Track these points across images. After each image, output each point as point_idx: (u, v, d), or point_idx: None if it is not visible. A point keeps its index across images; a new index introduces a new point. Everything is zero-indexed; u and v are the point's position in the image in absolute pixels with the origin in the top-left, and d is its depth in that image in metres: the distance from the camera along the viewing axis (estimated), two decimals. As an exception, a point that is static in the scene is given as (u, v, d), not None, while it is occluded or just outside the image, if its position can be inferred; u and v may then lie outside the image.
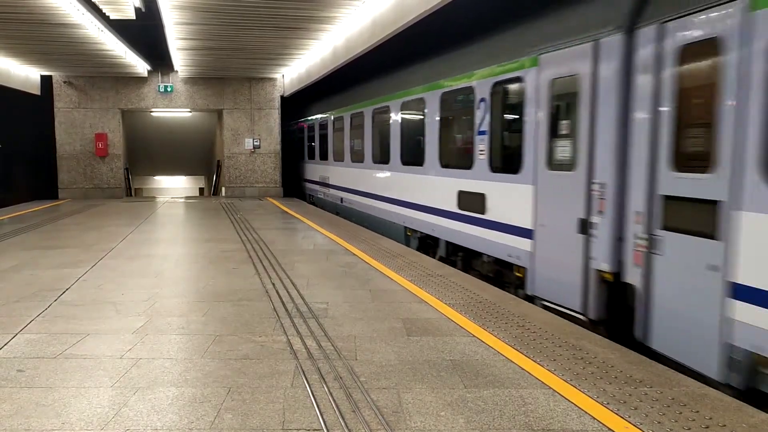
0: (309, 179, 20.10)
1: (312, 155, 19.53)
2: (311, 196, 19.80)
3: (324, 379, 4.15)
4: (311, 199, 19.84)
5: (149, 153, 25.27)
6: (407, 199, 11.01)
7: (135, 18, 10.85)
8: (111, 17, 11.05)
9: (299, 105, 22.04)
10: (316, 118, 18.72)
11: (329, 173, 17.14)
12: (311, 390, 3.96)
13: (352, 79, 16.10)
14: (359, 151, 14.01)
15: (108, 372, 4.32)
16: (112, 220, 14.02)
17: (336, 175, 16.36)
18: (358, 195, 14.28)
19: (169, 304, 6.28)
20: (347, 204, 15.28)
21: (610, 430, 3.41)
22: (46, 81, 20.14)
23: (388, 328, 5.37)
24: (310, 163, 19.94)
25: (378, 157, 12.64)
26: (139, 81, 20.28)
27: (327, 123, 17.15)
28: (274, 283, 7.16)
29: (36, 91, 20.16)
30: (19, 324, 5.53)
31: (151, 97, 20.49)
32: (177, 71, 19.60)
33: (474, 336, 5.11)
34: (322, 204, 18.24)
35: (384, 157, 12.18)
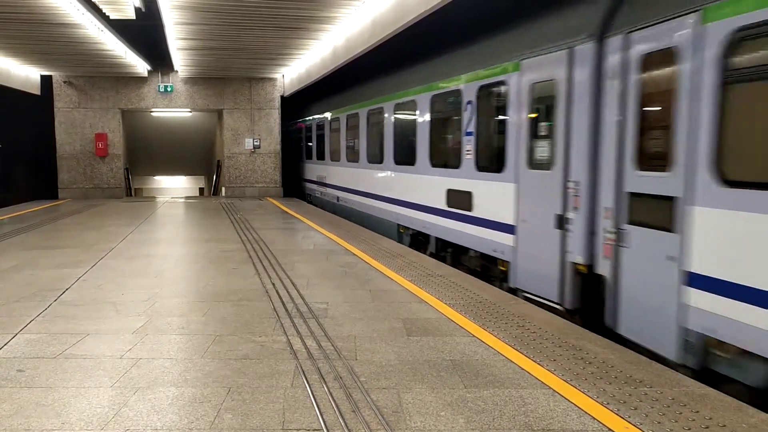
0: (308, 179, 20.20)
1: (310, 155, 19.67)
2: (310, 195, 19.92)
3: (324, 379, 4.15)
4: (309, 199, 19.93)
5: (149, 153, 25.26)
6: (400, 198, 11.34)
7: (135, 18, 10.86)
8: (111, 17, 11.07)
9: (299, 105, 22.05)
10: (314, 118, 18.85)
11: (326, 173, 17.34)
12: (311, 390, 3.97)
13: (351, 80, 16.15)
14: (355, 152, 14.32)
15: (108, 372, 4.32)
16: (112, 220, 14.03)
17: (332, 175, 16.59)
18: (353, 194, 14.54)
19: (169, 304, 6.28)
20: (343, 203, 15.51)
21: (610, 430, 3.41)
22: (46, 81, 20.13)
23: (388, 328, 5.38)
24: (308, 163, 20.06)
25: (372, 157, 12.96)
26: (139, 81, 20.28)
27: (324, 123, 17.35)
28: (274, 283, 7.17)
29: (36, 91, 20.15)
30: (19, 324, 5.53)
31: (151, 97, 20.49)
32: (177, 71, 19.60)
33: (474, 336, 5.11)
34: (319, 203, 18.40)
35: (378, 157, 12.50)
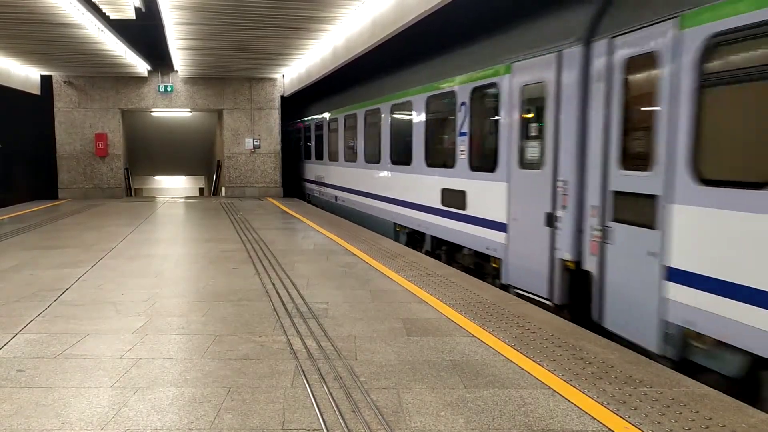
0: (307, 179, 20.26)
1: (309, 155, 19.75)
2: (309, 195, 19.96)
3: (324, 379, 4.15)
4: (308, 198, 19.97)
5: (149, 153, 25.25)
6: (396, 197, 11.48)
7: (135, 18, 10.86)
8: (111, 17, 11.06)
9: (299, 105, 22.06)
10: (313, 118, 18.92)
11: (325, 173, 17.45)
12: (311, 390, 3.97)
13: (351, 80, 16.17)
14: (353, 152, 14.46)
15: (108, 372, 4.32)
16: (112, 220, 14.02)
17: (331, 175, 16.71)
18: (351, 193, 14.67)
19: (169, 304, 6.28)
20: (341, 202, 15.65)
21: (610, 430, 3.41)
22: (46, 81, 20.12)
23: (388, 328, 5.38)
24: (307, 163, 20.12)
25: (370, 157, 13.09)
26: (139, 81, 20.27)
27: (323, 124, 17.45)
28: (274, 283, 7.17)
29: (36, 91, 20.14)
30: (19, 324, 5.53)
31: (151, 97, 20.48)
32: (177, 71, 19.59)
33: (474, 336, 5.11)
34: (318, 203, 18.48)
35: (375, 157, 12.64)
